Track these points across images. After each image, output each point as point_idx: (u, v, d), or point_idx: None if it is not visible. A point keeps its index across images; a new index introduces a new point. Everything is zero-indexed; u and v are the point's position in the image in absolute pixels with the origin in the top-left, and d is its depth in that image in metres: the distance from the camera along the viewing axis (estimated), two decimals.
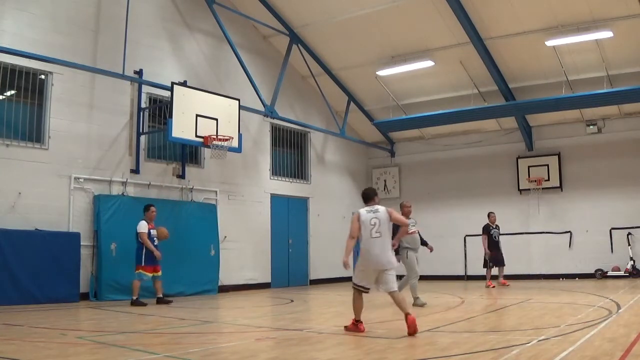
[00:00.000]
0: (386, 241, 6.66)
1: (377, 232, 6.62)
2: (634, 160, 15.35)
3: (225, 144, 11.86)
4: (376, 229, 6.63)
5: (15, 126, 10.48)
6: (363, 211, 6.81)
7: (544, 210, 16.54)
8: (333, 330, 7.02)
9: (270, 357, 5.26)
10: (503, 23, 13.60)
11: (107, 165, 11.71)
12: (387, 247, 6.65)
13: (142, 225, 10.45)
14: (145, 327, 7.62)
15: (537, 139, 16.93)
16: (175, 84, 11.49)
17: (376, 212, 6.76)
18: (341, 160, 18.57)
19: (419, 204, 18.10)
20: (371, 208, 6.85)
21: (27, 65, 10.41)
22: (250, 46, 15.22)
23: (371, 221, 6.67)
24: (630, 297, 9.89)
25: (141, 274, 10.37)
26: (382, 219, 6.69)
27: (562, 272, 15.72)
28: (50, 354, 5.31)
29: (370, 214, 6.74)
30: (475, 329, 7.01)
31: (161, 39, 13.12)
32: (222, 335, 7.12)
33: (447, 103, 16.36)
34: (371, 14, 14.11)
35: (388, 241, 6.69)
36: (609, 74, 14.05)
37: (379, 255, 6.57)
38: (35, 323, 7.55)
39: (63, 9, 11.20)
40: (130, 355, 5.29)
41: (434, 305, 10.18)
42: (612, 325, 6.58)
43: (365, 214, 6.76)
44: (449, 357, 5.06)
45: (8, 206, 10.05)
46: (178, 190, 13.03)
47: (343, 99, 17.32)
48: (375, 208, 6.83)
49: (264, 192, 15.46)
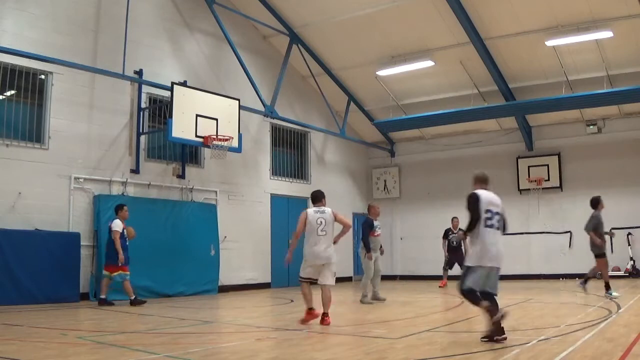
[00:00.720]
0: (330, 239, 7.42)
1: (323, 231, 7.36)
2: (634, 160, 15.35)
3: (225, 144, 11.86)
4: (322, 228, 7.37)
5: (15, 126, 10.48)
6: (310, 211, 7.51)
7: (544, 210, 16.54)
8: (333, 330, 7.02)
9: (270, 357, 5.26)
10: (503, 23, 13.60)
11: (107, 165, 11.71)
12: (330, 244, 7.39)
13: (117, 224, 10.20)
14: (145, 327, 7.62)
15: (537, 139, 16.93)
16: (175, 84, 11.49)
17: (323, 212, 7.48)
18: (341, 160, 18.57)
19: (419, 204, 18.18)
20: (318, 209, 7.54)
21: (27, 65, 10.41)
22: (250, 46, 15.22)
23: (318, 220, 7.39)
24: (631, 297, 9.89)
25: (122, 274, 10.15)
26: (327, 219, 7.43)
27: (562, 272, 15.72)
28: (50, 354, 5.31)
29: (317, 214, 7.44)
30: (475, 329, 7.01)
31: (161, 39, 13.12)
32: (222, 335, 7.12)
33: (447, 103, 16.36)
34: (371, 14, 14.11)
35: (331, 239, 7.44)
36: (609, 74, 14.05)
37: (323, 251, 7.32)
38: (35, 323, 7.55)
39: (63, 9, 11.20)
40: (130, 355, 5.29)
41: (434, 305, 10.19)
42: (612, 325, 6.58)
43: (313, 213, 7.46)
44: (449, 357, 5.06)
45: (8, 206, 10.05)
46: (178, 190, 13.04)
47: (343, 99, 17.32)
48: (322, 209, 7.54)
49: (264, 192, 15.46)
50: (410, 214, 18.12)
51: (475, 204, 5.86)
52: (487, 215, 5.86)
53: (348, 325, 7.44)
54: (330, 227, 7.43)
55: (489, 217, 5.86)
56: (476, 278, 5.73)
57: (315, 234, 7.34)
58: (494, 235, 5.83)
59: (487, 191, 6.12)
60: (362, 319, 8.66)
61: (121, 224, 10.25)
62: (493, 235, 5.82)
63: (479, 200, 5.88)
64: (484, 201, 5.91)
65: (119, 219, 10.34)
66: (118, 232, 10.10)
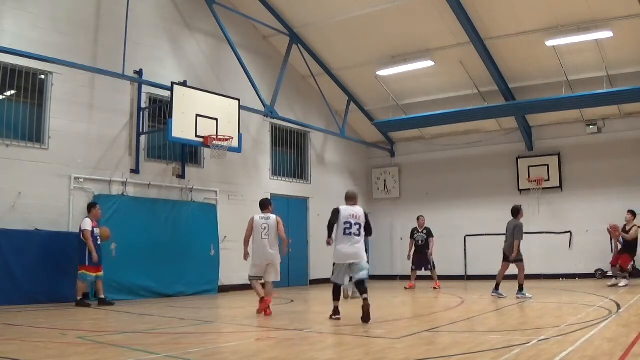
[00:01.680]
0: (273, 242, 8.65)
1: (266, 235, 8.64)
2: (634, 160, 15.34)
3: (225, 144, 11.86)
4: (266, 232, 8.65)
5: (15, 126, 10.48)
6: (257, 217, 8.83)
7: (544, 210, 16.54)
8: (333, 330, 7.03)
9: (270, 357, 5.26)
10: (503, 23, 13.60)
11: (107, 165, 11.70)
12: (274, 246, 8.64)
13: (86, 223, 10.02)
14: (145, 327, 7.61)
15: (537, 139, 16.93)
16: (175, 84, 11.49)
17: (267, 219, 8.78)
18: (341, 160, 18.57)
19: (419, 204, 18.16)
20: (264, 215, 8.87)
21: (27, 65, 10.41)
22: (250, 46, 15.22)
23: (262, 225, 8.69)
24: (630, 297, 9.89)
25: (84, 274, 9.91)
26: (271, 225, 8.72)
27: (562, 272, 15.72)
28: (50, 354, 5.31)
29: (262, 220, 8.76)
30: (475, 329, 7.02)
31: (161, 39, 13.12)
32: (222, 335, 7.12)
33: (447, 103, 16.36)
34: (371, 14, 14.10)
35: (275, 242, 8.68)
36: (609, 74, 14.05)
37: (267, 252, 8.60)
38: (35, 323, 7.55)
39: (63, 9, 11.20)
40: (130, 355, 5.29)
41: (434, 305, 10.19)
42: (612, 325, 6.58)
43: (258, 219, 8.77)
44: (449, 357, 5.06)
45: (8, 206, 10.04)
46: (178, 190, 13.03)
47: (343, 99, 17.32)
48: (267, 216, 8.85)
49: (264, 192, 15.42)
50: (410, 214, 18.02)
51: (335, 216, 7.82)
52: (346, 226, 7.76)
53: (348, 325, 7.44)
54: (273, 232, 8.68)
55: (348, 226, 7.77)
56: (339, 272, 7.83)
57: (260, 237, 8.61)
58: (351, 239, 7.74)
59: (350, 206, 7.99)
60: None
61: (91, 223, 10.10)
62: (350, 240, 7.74)
63: (338, 213, 7.83)
64: (343, 214, 7.83)
65: (90, 218, 10.19)
66: (88, 231, 9.94)
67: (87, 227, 10.01)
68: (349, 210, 7.89)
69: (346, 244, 7.73)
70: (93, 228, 10.13)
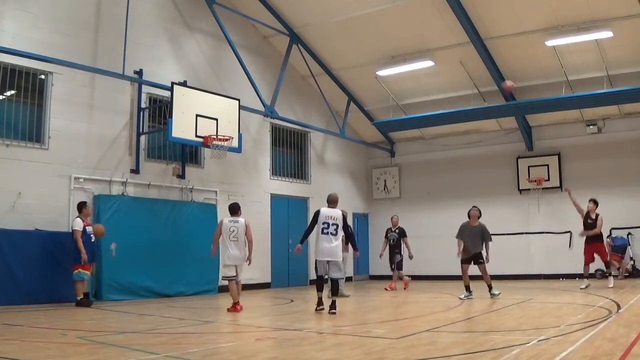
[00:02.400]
0: (241, 244, 9.14)
1: (235, 237, 9.14)
2: (634, 160, 15.34)
3: (225, 144, 11.86)
4: (234, 235, 9.13)
5: (15, 126, 10.48)
6: (225, 220, 9.30)
7: (544, 210, 16.54)
8: (333, 330, 7.03)
9: (270, 357, 5.26)
10: (503, 23, 13.60)
11: (107, 165, 11.71)
12: (241, 248, 9.14)
13: (77, 223, 9.99)
14: (145, 327, 7.61)
15: (537, 139, 16.93)
16: (175, 84, 11.49)
17: (236, 222, 9.24)
18: (341, 160, 18.57)
19: (419, 204, 18.18)
20: (233, 219, 9.30)
21: (27, 65, 10.41)
22: (250, 46, 15.22)
23: (230, 228, 9.17)
24: (631, 297, 9.89)
25: (81, 273, 9.90)
26: (239, 228, 9.17)
27: (562, 272, 15.71)
28: (50, 354, 5.30)
29: (231, 223, 9.22)
30: (475, 329, 7.02)
31: (161, 39, 13.12)
32: (222, 335, 7.12)
33: (447, 103, 16.36)
34: (371, 14, 14.11)
35: (243, 244, 9.15)
36: (609, 74, 14.05)
37: (236, 254, 9.09)
38: (35, 323, 7.55)
39: (63, 9, 11.20)
40: (130, 355, 5.29)
41: (434, 305, 10.19)
42: (612, 325, 6.58)
43: (227, 222, 9.25)
44: (449, 357, 5.06)
45: (8, 206, 10.05)
46: (178, 190, 13.03)
47: (343, 99, 17.32)
48: (236, 219, 9.28)
49: (263, 192, 15.46)
50: (410, 214, 18.08)
51: (315, 217, 8.76)
52: (324, 226, 8.64)
53: (348, 325, 7.44)
54: (241, 235, 9.14)
55: (326, 226, 8.65)
56: (320, 267, 8.82)
57: (228, 239, 9.13)
58: (328, 238, 8.65)
59: (330, 208, 8.85)
60: (362, 319, 8.67)
61: (82, 223, 10.07)
62: (327, 239, 8.65)
63: (318, 214, 8.74)
64: (322, 215, 8.71)
65: (80, 217, 10.17)
66: (78, 232, 9.92)
67: (78, 227, 9.97)
68: (328, 212, 8.79)
69: (323, 242, 8.66)
70: (85, 227, 10.10)
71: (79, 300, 9.91)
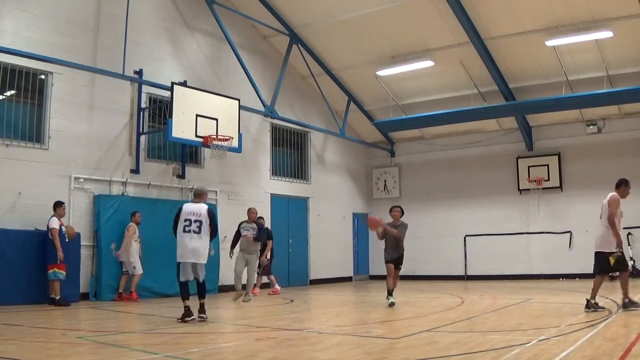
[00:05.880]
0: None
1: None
2: (634, 160, 15.32)
3: (225, 144, 11.86)
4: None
5: (15, 126, 10.48)
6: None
7: (544, 210, 16.53)
8: (333, 330, 7.03)
9: (270, 357, 5.26)
10: (503, 23, 13.60)
11: (107, 165, 11.70)
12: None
13: (54, 222, 9.96)
14: (145, 327, 7.61)
15: (537, 139, 16.93)
16: (175, 84, 11.49)
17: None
18: (341, 160, 18.57)
19: (419, 204, 18.17)
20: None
21: (27, 65, 10.41)
22: (250, 46, 15.22)
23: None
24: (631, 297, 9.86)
25: (56, 272, 9.84)
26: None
27: (562, 272, 15.71)
28: (50, 354, 5.30)
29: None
30: (475, 329, 7.02)
31: (161, 39, 13.12)
32: (222, 335, 7.12)
33: (447, 103, 16.36)
34: (371, 14, 14.10)
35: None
36: (609, 74, 14.04)
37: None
38: (35, 323, 7.55)
39: (63, 9, 11.19)
40: (130, 355, 5.29)
41: (434, 305, 10.19)
42: (612, 325, 6.58)
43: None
44: (449, 357, 5.06)
45: (8, 206, 10.05)
46: (178, 190, 13.03)
47: (343, 99, 17.32)
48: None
49: (264, 192, 15.46)
50: (410, 214, 18.00)
51: (177, 214, 7.80)
52: (185, 223, 7.68)
53: (348, 325, 7.44)
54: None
55: (188, 224, 7.67)
56: (183, 271, 7.70)
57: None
58: (190, 237, 7.67)
59: (193, 204, 7.94)
60: (362, 319, 8.67)
61: (58, 222, 10.07)
62: (190, 238, 7.66)
63: (180, 211, 7.78)
64: (184, 212, 7.75)
65: (56, 216, 10.14)
66: (56, 230, 9.92)
67: (55, 225, 9.97)
68: (190, 208, 7.87)
69: (185, 241, 7.70)
70: (60, 227, 10.09)
71: (57, 300, 9.80)
